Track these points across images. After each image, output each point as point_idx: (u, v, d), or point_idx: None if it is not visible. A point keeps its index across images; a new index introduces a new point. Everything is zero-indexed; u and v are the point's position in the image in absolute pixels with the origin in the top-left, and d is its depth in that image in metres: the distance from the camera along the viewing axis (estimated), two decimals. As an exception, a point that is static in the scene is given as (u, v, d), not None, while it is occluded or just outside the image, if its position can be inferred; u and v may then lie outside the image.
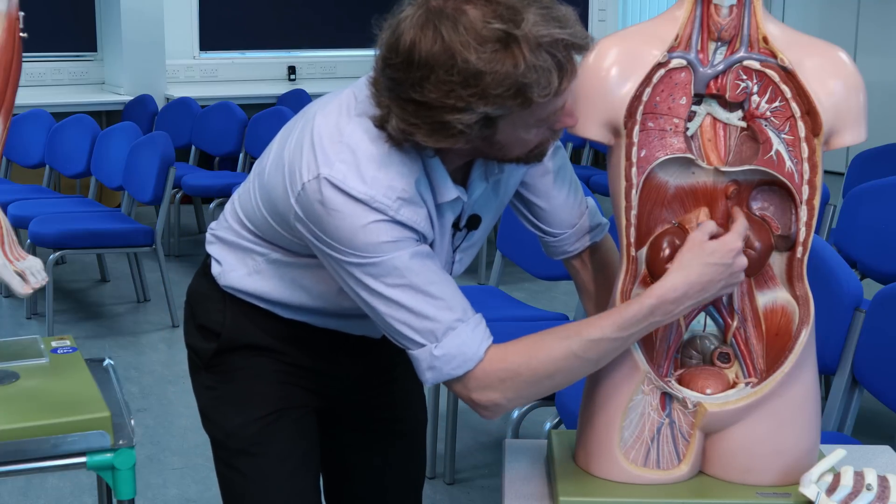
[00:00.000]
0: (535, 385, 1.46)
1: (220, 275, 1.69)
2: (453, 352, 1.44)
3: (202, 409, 1.77)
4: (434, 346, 1.44)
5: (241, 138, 6.05)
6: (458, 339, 1.44)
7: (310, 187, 1.43)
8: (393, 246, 1.42)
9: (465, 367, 1.44)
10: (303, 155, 1.46)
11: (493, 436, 3.53)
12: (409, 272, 1.43)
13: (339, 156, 1.42)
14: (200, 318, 1.74)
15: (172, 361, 4.30)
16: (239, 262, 1.67)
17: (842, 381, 2.31)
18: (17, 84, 1.88)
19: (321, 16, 7.76)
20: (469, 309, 1.47)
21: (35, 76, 6.84)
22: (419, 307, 1.43)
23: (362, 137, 1.43)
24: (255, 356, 1.70)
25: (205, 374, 1.74)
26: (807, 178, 1.50)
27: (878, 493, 1.46)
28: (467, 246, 1.64)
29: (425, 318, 1.43)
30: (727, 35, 1.49)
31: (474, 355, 1.44)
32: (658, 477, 1.55)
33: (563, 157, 1.71)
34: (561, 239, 1.74)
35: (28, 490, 3.13)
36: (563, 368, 1.45)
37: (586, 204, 1.76)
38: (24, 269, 1.87)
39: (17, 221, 4.61)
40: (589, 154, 6.51)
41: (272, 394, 1.68)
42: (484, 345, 1.45)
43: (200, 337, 1.74)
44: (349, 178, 1.41)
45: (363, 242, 1.41)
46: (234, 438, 1.70)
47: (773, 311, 1.56)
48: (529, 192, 1.69)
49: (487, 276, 4.23)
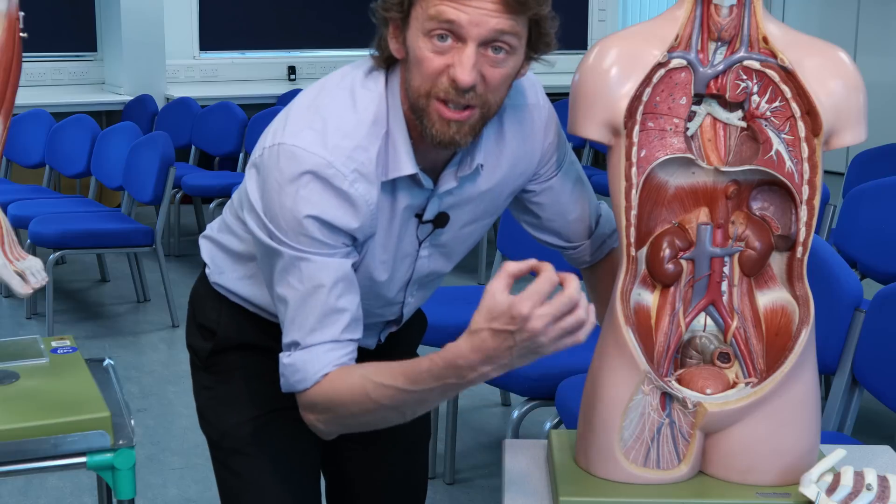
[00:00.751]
0: (345, 419, 1.48)
1: (210, 274, 1.71)
2: (299, 365, 1.46)
3: (200, 410, 1.78)
4: (288, 354, 1.47)
5: (241, 138, 6.05)
6: (310, 355, 1.46)
7: (268, 153, 1.45)
8: (319, 245, 1.43)
9: (303, 385, 1.47)
10: (273, 124, 1.48)
11: (493, 436, 3.54)
12: (309, 280, 1.44)
13: (310, 123, 1.44)
14: (199, 316, 1.75)
15: (172, 361, 4.30)
16: (230, 266, 1.69)
17: (842, 381, 2.31)
18: (17, 84, 1.88)
19: (321, 16, 7.76)
20: (336, 337, 1.47)
21: (35, 76, 6.84)
22: (294, 315, 1.46)
23: (336, 106, 1.45)
24: (251, 355, 1.70)
25: (204, 374, 1.75)
26: (807, 177, 1.50)
27: (878, 493, 1.46)
28: (436, 243, 1.61)
29: (294, 325, 1.46)
30: (727, 35, 1.49)
31: (313, 376, 1.46)
32: (658, 477, 1.55)
33: (577, 170, 1.70)
34: (580, 250, 1.74)
35: (28, 490, 3.14)
36: (367, 410, 1.44)
37: (599, 209, 1.75)
38: (24, 269, 1.87)
39: (17, 221, 4.61)
40: (589, 154, 6.51)
41: (268, 393, 1.68)
42: (325, 370, 1.45)
43: (199, 336, 1.75)
44: (313, 145, 1.42)
45: (295, 230, 1.42)
46: (228, 438, 1.70)
47: (773, 311, 1.56)
48: (545, 212, 1.69)
49: (487, 276, 4.23)
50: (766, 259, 1.56)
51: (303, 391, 1.47)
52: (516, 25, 1.38)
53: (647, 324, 1.56)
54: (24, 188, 5.49)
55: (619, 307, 1.52)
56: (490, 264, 4.04)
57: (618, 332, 1.52)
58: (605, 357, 1.55)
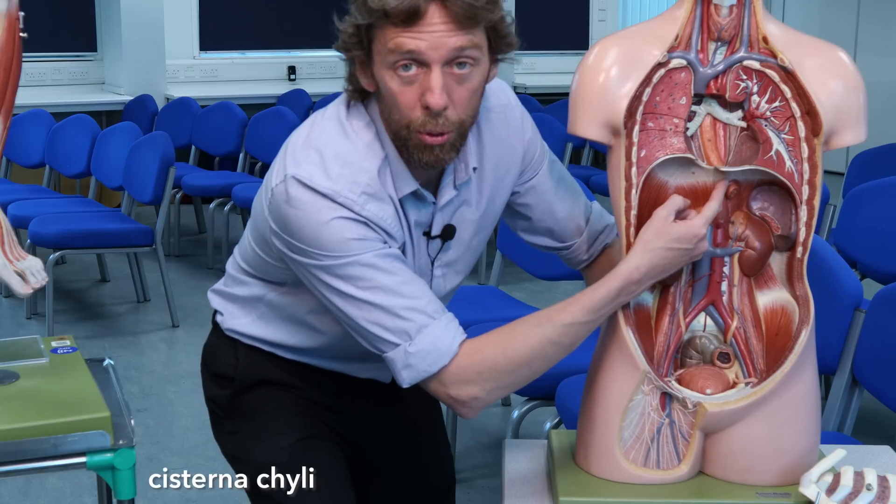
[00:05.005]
0: (512, 374, 1.47)
1: (222, 321, 1.72)
2: (427, 348, 1.45)
3: (231, 457, 1.74)
4: (408, 344, 1.45)
5: (241, 138, 6.05)
6: (432, 335, 1.45)
7: (277, 190, 1.47)
8: (359, 244, 1.44)
9: (440, 363, 1.45)
10: (275, 166, 1.51)
11: (493, 436, 3.53)
12: (379, 272, 1.44)
13: (307, 158, 1.47)
14: (214, 367, 1.75)
15: (172, 361, 4.30)
16: (240, 311, 1.70)
17: (842, 381, 2.31)
18: (17, 84, 1.88)
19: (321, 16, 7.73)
20: (441, 308, 1.48)
21: (35, 76, 6.83)
22: (391, 306, 1.45)
23: (329, 137, 1.48)
24: (272, 391, 1.70)
25: (226, 422, 1.74)
26: (807, 177, 1.50)
27: (878, 493, 1.46)
28: (448, 261, 1.63)
29: (397, 317, 1.45)
30: (727, 35, 1.49)
31: (448, 350, 1.45)
32: (658, 477, 1.55)
33: (559, 169, 1.72)
34: (574, 249, 1.75)
35: (28, 490, 3.13)
36: (539, 355, 1.46)
37: (590, 208, 1.76)
38: (24, 269, 1.87)
39: (17, 221, 4.61)
40: (589, 154, 6.51)
41: (295, 423, 1.67)
42: (458, 339, 1.46)
43: (216, 386, 1.74)
44: (315, 176, 1.45)
45: (329, 240, 1.43)
46: (265, 469, 1.65)
47: (773, 311, 1.56)
48: (533, 213, 1.70)
49: (487, 276, 4.23)
50: (766, 259, 1.56)
51: (440, 370, 1.46)
52: (473, 38, 1.42)
53: (647, 324, 1.56)
54: (24, 188, 5.48)
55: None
56: (490, 264, 4.04)
57: (618, 332, 1.52)
58: (605, 357, 1.55)
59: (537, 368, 1.48)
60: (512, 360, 1.46)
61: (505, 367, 1.46)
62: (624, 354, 1.52)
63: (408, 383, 1.48)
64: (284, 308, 1.65)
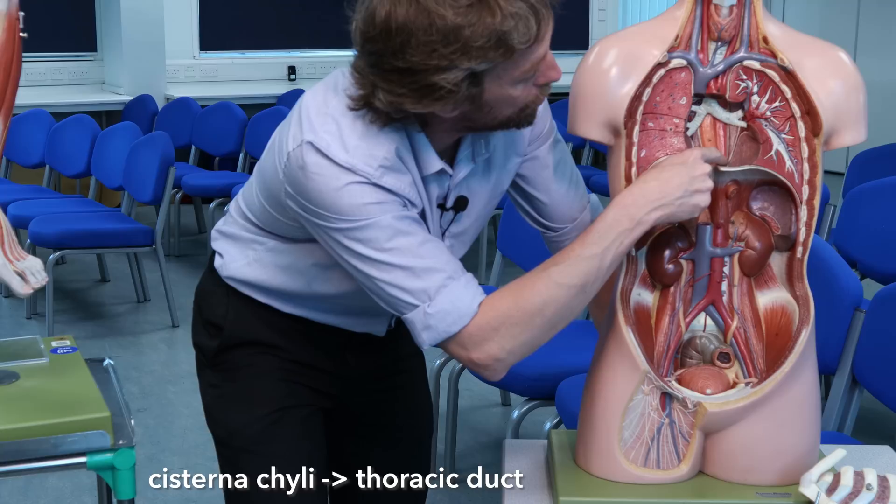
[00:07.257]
0: (528, 325, 1.44)
1: (221, 266, 1.71)
2: (447, 307, 1.44)
3: (206, 408, 1.77)
4: (427, 304, 1.44)
5: (241, 138, 6.05)
6: (452, 294, 1.44)
7: (293, 155, 1.45)
8: (378, 208, 1.43)
9: (460, 323, 1.44)
10: (290, 128, 1.49)
11: (493, 436, 3.54)
12: (397, 233, 1.43)
13: (324, 126, 1.45)
14: (205, 312, 1.76)
15: (172, 361, 4.30)
16: (239, 252, 1.69)
17: (842, 381, 2.31)
18: (17, 84, 1.88)
19: (321, 16, 7.75)
20: (460, 268, 1.47)
21: (35, 76, 6.84)
22: (410, 266, 1.44)
23: (346, 111, 1.46)
24: (258, 353, 1.70)
25: (210, 371, 1.75)
26: (807, 178, 1.50)
27: (878, 493, 1.46)
28: (457, 231, 1.63)
29: (416, 277, 1.44)
30: (727, 35, 1.49)
31: (468, 310, 1.44)
32: (658, 477, 1.55)
33: (563, 150, 1.71)
34: (562, 234, 1.74)
35: (28, 490, 3.14)
36: (549, 300, 1.43)
37: (588, 198, 1.76)
38: (24, 269, 1.87)
39: (17, 221, 4.61)
40: (589, 154, 6.51)
41: (275, 392, 1.68)
42: (477, 299, 1.45)
43: (206, 333, 1.75)
44: (332, 147, 1.43)
45: (347, 204, 1.42)
46: (237, 437, 1.70)
47: (773, 311, 1.56)
48: (529, 185, 1.70)
49: (487, 276, 4.23)
50: (766, 259, 1.56)
51: (461, 330, 1.44)
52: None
53: (647, 324, 1.56)
54: (24, 188, 5.48)
55: (619, 307, 1.52)
56: (490, 264, 4.04)
57: (618, 332, 1.52)
58: (605, 357, 1.55)
59: (551, 316, 1.44)
60: (524, 310, 1.44)
61: (519, 319, 1.44)
62: (624, 354, 1.52)
63: (427, 344, 1.47)
64: (285, 255, 1.64)
